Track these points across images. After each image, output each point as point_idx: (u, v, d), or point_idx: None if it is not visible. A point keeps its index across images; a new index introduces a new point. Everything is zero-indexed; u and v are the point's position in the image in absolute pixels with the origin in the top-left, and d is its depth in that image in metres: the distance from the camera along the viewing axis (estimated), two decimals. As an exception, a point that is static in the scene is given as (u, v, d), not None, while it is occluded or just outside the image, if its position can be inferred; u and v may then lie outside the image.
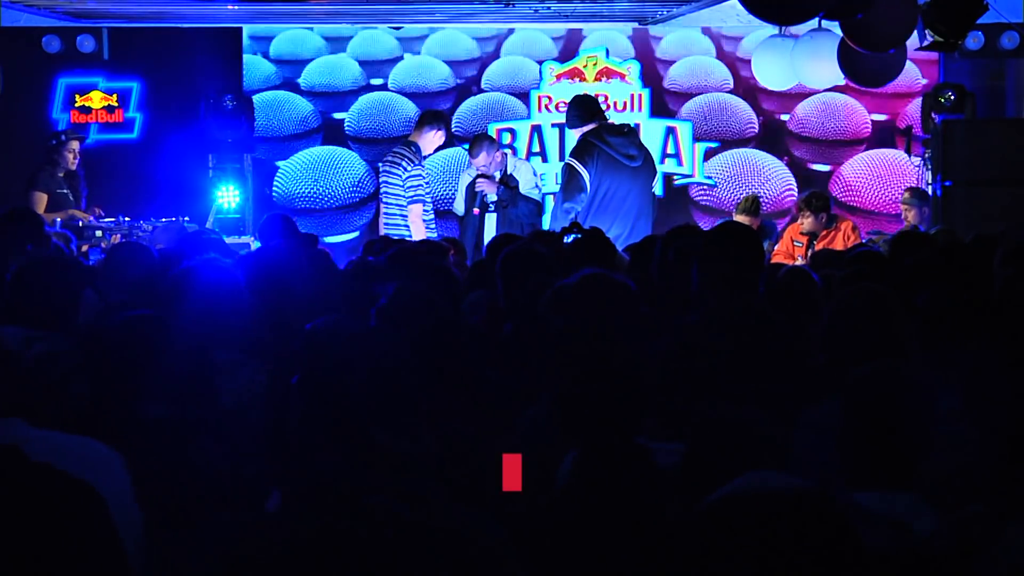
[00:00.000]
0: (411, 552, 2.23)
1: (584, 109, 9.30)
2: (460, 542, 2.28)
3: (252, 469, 3.25)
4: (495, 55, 13.36)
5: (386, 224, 10.29)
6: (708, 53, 13.45)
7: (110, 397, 3.32)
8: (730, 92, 13.40)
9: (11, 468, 2.32)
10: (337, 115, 13.18)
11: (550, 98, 13.02)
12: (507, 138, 12.93)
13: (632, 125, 10.42)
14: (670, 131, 13.18)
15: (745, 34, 13.15)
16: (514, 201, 10.41)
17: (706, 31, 13.33)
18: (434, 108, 11.71)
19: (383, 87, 13.20)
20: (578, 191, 8.89)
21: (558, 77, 13.07)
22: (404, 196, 10.16)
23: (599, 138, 8.98)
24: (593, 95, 9.65)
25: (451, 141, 12.20)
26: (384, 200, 10.37)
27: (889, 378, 3.04)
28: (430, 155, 10.76)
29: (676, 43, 13.43)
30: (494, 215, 10.41)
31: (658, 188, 11.74)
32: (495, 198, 10.44)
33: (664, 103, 13.25)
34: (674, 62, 13.39)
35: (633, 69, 13.10)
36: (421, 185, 10.23)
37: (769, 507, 1.87)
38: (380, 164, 10.51)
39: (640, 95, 13.09)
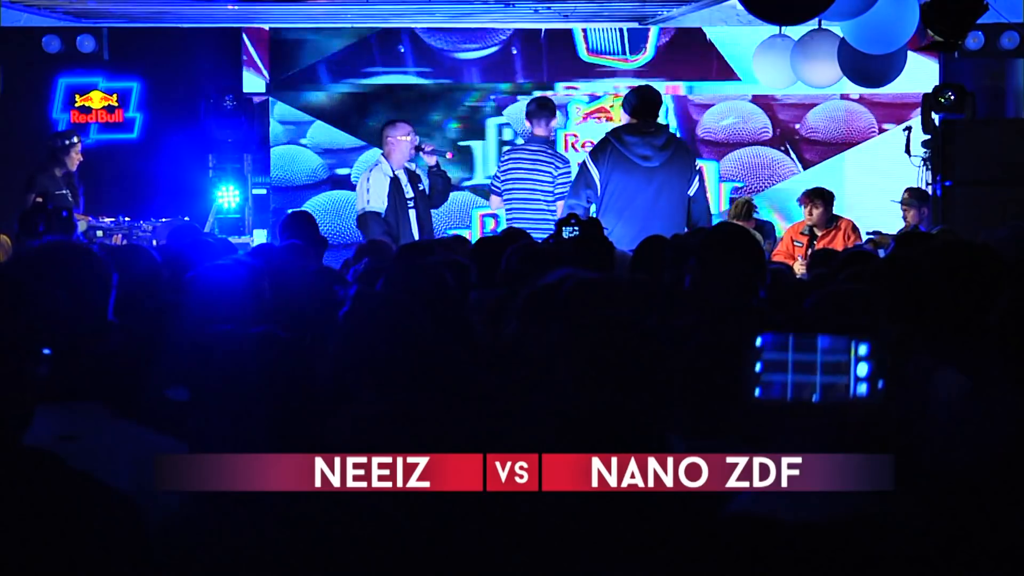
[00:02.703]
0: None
1: (630, 102, 9.05)
2: None
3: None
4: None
5: (527, 219, 9.74)
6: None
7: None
8: (768, 141, 13.45)
9: (47, 475, 2.28)
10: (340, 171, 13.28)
11: (576, 136, 13.11)
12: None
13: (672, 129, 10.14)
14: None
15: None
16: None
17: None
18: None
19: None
20: (584, 188, 8.82)
21: (585, 117, 13.20)
22: (554, 193, 9.88)
23: (615, 136, 8.90)
24: (654, 91, 9.35)
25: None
26: (525, 196, 9.97)
27: None
28: None
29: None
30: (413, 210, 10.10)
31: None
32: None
33: (697, 151, 12.83)
34: (710, 105, 13.40)
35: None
36: (569, 183, 9.68)
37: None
38: (515, 156, 10.15)
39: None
